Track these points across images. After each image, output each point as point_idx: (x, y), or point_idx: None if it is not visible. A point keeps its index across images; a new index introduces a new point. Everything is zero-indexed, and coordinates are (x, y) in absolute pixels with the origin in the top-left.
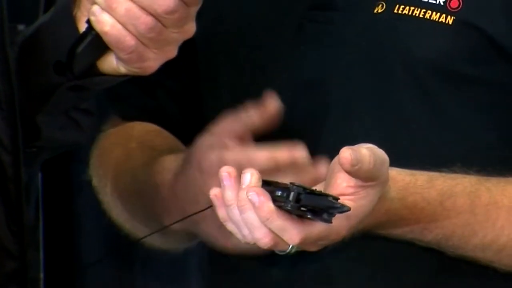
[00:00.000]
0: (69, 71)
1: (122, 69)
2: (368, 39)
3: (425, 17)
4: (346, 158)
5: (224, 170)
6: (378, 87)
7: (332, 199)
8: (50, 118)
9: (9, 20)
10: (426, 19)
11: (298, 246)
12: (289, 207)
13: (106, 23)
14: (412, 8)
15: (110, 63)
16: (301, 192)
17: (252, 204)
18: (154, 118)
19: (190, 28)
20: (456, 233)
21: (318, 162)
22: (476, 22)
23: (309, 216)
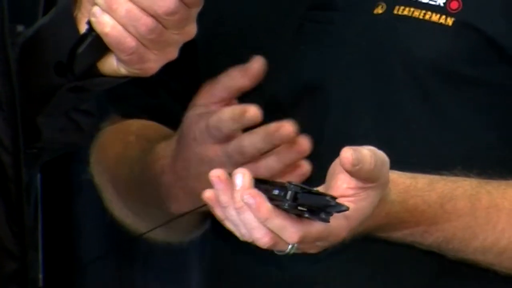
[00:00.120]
0: (70, 72)
1: (123, 70)
2: (368, 40)
3: (425, 18)
4: (347, 158)
5: (214, 174)
6: (378, 88)
7: (330, 198)
8: (51, 119)
9: (9, 21)
10: (426, 20)
11: (298, 249)
12: (286, 206)
13: (107, 24)
14: (412, 9)
15: (111, 64)
16: (298, 191)
17: (249, 206)
18: (156, 118)
19: (191, 30)
20: (457, 236)
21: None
22: (476, 23)
23: (307, 215)
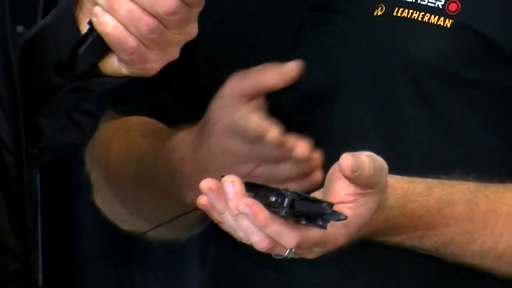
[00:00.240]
0: (71, 73)
1: (124, 70)
2: (368, 41)
3: (424, 20)
4: (347, 164)
5: (205, 186)
6: (378, 89)
7: (326, 206)
8: (52, 120)
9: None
10: (425, 22)
11: (296, 254)
12: (284, 214)
13: (108, 24)
14: (411, 11)
15: (112, 64)
16: (295, 198)
17: (245, 216)
18: (155, 116)
19: (192, 30)
20: (455, 241)
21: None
22: (474, 25)
23: (304, 222)
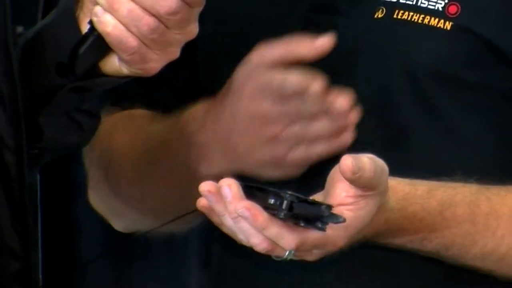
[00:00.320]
0: (71, 72)
1: (124, 70)
2: (369, 43)
3: (424, 22)
4: (348, 166)
5: (204, 189)
6: (378, 91)
7: (325, 208)
8: (52, 120)
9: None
10: (425, 24)
11: (296, 256)
12: (282, 216)
13: (108, 24)
14: (411, 14)
15: (112, 64)
16: (294, 201)
17: (244, 219)
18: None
19: (193, 29)
20: (456, 243)
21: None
22: (474, 27)
23: (302, 225)
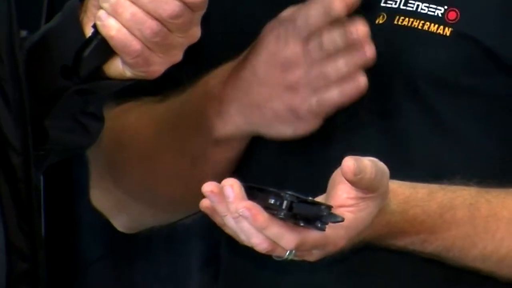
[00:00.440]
0: (76, 75)
1: (128, 73)
2: None
3: (424, 29)
4: (349, 167)
5: (207, 189)
6: (379, 96)
7: (324, 208)
8: (57, 122)
9: None
10: (425, 31)
11: (296, 256)
12: (282, 216)
13: (112, 28)
14: (411, 20)
15: (116, 67)
16: (294, 201)
17: (245, 218)
18: None
19: (195, 33)
20: (456, 245)
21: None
22: (473, 34)
23: (302, 224)
